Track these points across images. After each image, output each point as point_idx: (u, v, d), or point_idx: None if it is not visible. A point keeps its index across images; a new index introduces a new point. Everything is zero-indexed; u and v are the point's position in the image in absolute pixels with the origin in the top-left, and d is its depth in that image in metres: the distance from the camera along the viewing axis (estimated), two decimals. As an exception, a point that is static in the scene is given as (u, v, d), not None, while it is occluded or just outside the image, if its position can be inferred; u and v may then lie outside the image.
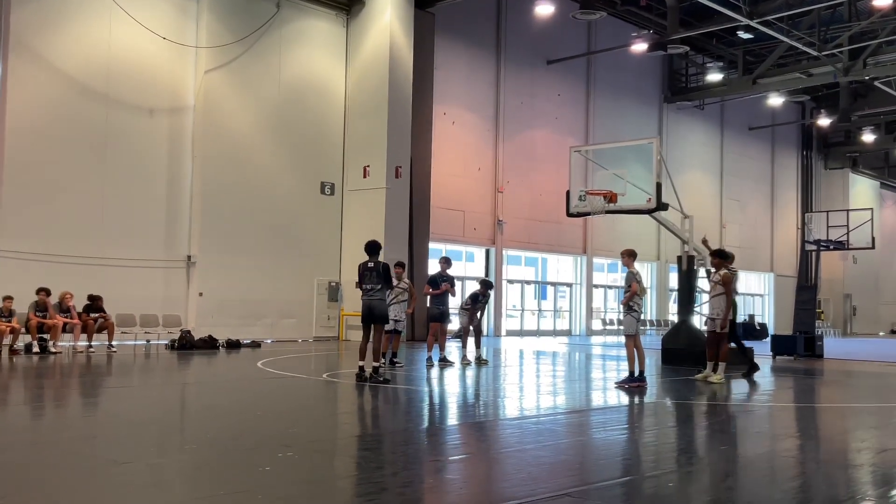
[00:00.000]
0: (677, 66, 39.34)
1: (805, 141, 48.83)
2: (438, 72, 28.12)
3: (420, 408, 10.87)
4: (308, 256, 25.04)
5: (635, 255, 12.95)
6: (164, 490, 5.72)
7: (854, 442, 8.68)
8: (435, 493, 5.83)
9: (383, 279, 12.49)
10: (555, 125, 33.51)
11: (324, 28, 25.82)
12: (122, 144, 21.58)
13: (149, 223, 22.06)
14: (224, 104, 23.32)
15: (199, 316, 22.18)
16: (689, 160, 39.94)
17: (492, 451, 7.66)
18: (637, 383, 12.42)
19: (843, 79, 34.61)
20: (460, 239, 30.12)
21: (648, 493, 5.93)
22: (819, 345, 21.01)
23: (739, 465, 7.00)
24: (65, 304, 18.00)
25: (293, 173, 24.85)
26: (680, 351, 17.21)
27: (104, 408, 10.38)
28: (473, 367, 15.84)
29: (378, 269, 12.51)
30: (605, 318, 35.46)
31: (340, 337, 25.60)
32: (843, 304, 48.55)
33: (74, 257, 20.25)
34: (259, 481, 5.88)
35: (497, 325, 31.21)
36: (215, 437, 7.71)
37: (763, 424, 9.78)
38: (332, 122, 25.88)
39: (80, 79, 20.89)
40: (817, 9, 29.29)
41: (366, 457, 7.13)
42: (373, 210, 25.08)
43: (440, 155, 28.30)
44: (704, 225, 37.40)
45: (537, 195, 32.33)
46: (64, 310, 17.96)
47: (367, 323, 12.68)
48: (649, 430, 9.17)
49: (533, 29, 31.78)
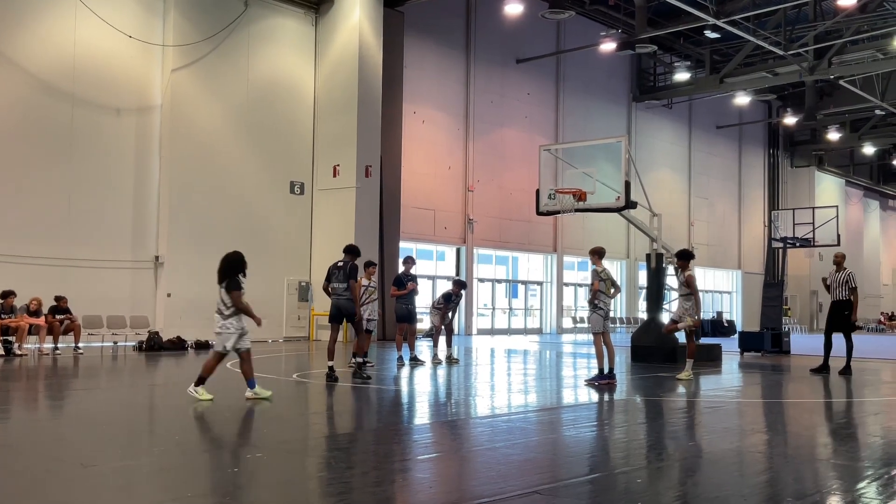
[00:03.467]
0: (646, 65, 39.61)
1: (771, 139, 49.39)
2: (408, 70, 28.09)
3: (390, 407, 10.84)
4: (278, 256, 24.90)
5: (602, 254, 12.99)
6: (130, 493, 5.65)
7: (821, 437, 8.79)
8: (405, 491, 5.82)
9: (349, 278, 12.41)
10: (525, 124, 33.61)
11: (292, 27, 25.68)
12: (89, 144, 21.33)
13: (116, 223, 21.83)
14: (191, 103, 23.12)
15: (167, 317, 21.98)
16: (657, 159, 40.23)
17: (462, 449, 7.66)
18: (607, 381, 12.48)
19: (808, 78, 35.03)
20: (431, 238, 30.11)
21: (618, 489, 5.95)
22: (786, 341, 21.27)
23: (708, 460, 7.05)
24: (32, 308, 17.78)
25: (262, 173, 24.69)
26: (649, 348, 17.33)
27: (70, 410, 10.25)
28: (444, 366, 15.84)
29: (346, 268, 12.46)
30: (576, 317, 35.63)
31: (311, 337, 25.49)
32: (810, 300, 49.14)
33: (40, 258, 19.99)
34: (228, 483, 5.84)
35: (468, 324, 31.24)
36: (183, 440, 7.63)
37: (731, 420, 9.87)
38: (301, 121, 25.75)
39: (45, 78, 20.62)
40: (783, 8, 29.61)
41: (335, 457, 7.10)
42: (343, 209, 24.99)
43: (410, 154, 28.27)
44: (673, 223, 37.79)
45: (507, 194, 32.40)
46: (32, 313, 17.72)
47: (336, 323, 12.68)
48: (619, 427, 9.21)
49: (502, 28, 31.84)
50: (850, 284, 14.86)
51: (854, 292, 14.84)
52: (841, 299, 14.95)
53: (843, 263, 15.13)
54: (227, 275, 10.08)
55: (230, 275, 10.07)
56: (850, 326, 14.93)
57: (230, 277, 10.03)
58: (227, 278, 10.06)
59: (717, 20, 27.86)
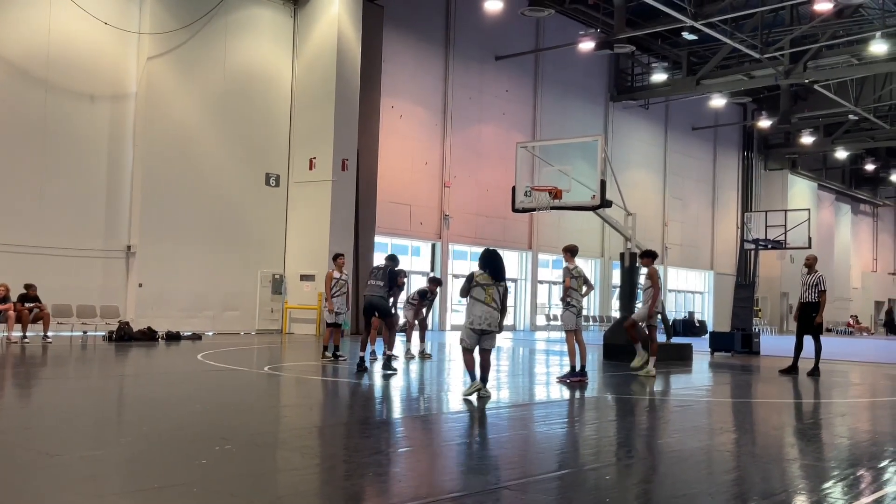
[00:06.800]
0: (623, 65, 39.77)
1: (746, 142, 49.79)
2: (386, 65, 28.01)
3: (362, 401, 10.82)
4: (252, 248, 24.77)
5: (574, 252, 13.05)
6: (96, 483, 5.59)
7: (788, 437, 8.87)
8: (375, 485, 5.80)
9: (388, 280, 13.41)
10: (502, 121, 33.65)
11: (270, 17, 25.52)
12: (62, 131, 21.09)
13: (88, 212, 21.61)
14: (167, 92, 22.91)
15: (138, 307, 21.79)
16: (633, 158, 40.44)
17: (433, 444, 7.66)
18: (578, 378, 12.52)
19: (783, 81, 35.36)
20: (406, 233, 30.08)
21: (587, 485, 5.97)
22: (756, 342, 21.47)
23: (676, 458, 7.09)
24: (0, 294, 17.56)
25: (238, 164, 24.53)
26: (621, 346, 17.38)
27: (37, 399, 10.13)
28: (417, 361, 15.83)
29: (386, 270, 13.45)
30: (550, 314, 35.74)
31: (284, 330, 25.38)
32: (780, 302, 49.64)
33: (9, 245, 19.75)
34: (195, 474, 5.79)
35: (442, 320, 31.25)
36: (151, 430, 7.57)
37: (700, 419, 9.94)
38: (278, 112, 25.61)
39: (18, 64, 20.35)
40: (760, 12, 29.87)
41: (305, 450, 7.07)
42: (318, 202, 24.90)
43: (387, 148, 28.21)
44: (647, 223, 38.02)
45: (484, 190, 32.44)
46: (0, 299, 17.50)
47: (368, 317, 13.76)
48: (589, 424, 9.25)
49: (482, 24, 31.84)
50: (820, 287, 15.02)
51: (822, 295, 15.00)
52: (809, 301, 15.11)
53: (814, 266, 15.29)
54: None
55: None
56: (819, 328, 15.10)
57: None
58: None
59: (695, 22, 28.04)
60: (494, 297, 10.07)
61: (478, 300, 10.05)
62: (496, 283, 10.14)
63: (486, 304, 10.03)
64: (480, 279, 10.12)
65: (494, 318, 10.05)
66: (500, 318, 10.20)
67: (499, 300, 10.12)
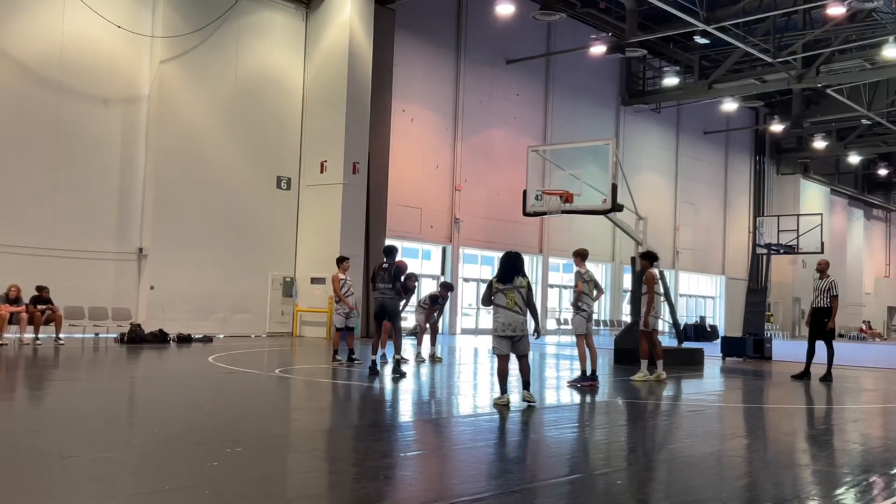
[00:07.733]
0: (635, 69, 39.70)
1: (758, 146, 49.60)
2: (398, 69, 28.06)
3: (372, 404, 10.82)
4: (263, 251, 24.82)
5: (585, 256, 13.03)
6: (108, 485, 5.61)
7: (800, 442, 8.83)
8: (385, 489, 5.80)
9: (394, 277, 13.30)
10: (513, 125, 33.62)
11: (282, 21, 25.60)
12: (75, 134, 21.19)
13: (100, 214, 21.70)
14: (179, 95, 23.00)
15: (149, 309, 21.85)
16: (644, 162, 40.34)
17: (444, 447, 7.65)
18: (589, 382, 12.49)
19: (796, 86, 35.22)
20: (417, 236, 30.08)
21: (598, 490, 5.96)
22: (768, 347, 21.35)
23: (688, 463, 7.07)
24: (12, 295, 17.64)
25: (249, 167, 24.60)
26: (632, 351, 17.32)
27: (49, 401, 10.18)
28: (428, 365, 15.83)
29: (391, 270, 13.32)
30: (560, 318, 35.66)
31: (294, 333, 25.42)
32: (792, 307, 49.40)
33: (22, 247, 19.84)
34: (206, 477, 5.80)
35: (452, 324, 31.23)
36: (162, 432, 7.59)
37: (712, 424, 9.90)
38: (289, 116, 25.67)
39: (32, 67, 20.47)
40: (773, 16, 29.75)
41: (316, 453, 7.08)
42: (329, 205, 24.95)
43: (398, 152, 28.24)
44: (658, 227, 37.91)
45: (494, 194, 32.42)
46: (12, 300, 17.59)
47: (380, 320, 13.72)
48: (600, 429, 9.23)
49: (493, 28, 31.83)
50: (832, 292, 14.93)
51: (835, 300, 14.92)
52: (822, 306, 15.03)
53: (826, 271, 15.20)
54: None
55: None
56: (831, 333, 15.01)
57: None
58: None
59: (707, 26, 27.97)
60: (517, 301, 9.82)
61: (500, 307, 9.86)
62: (513, 285, 9.91)
63: (510, 308, 9.80)
64: (499, 285, 9.97)
65: (520, 323, 9.82)
66: (535, 318, 10.01)
67: (522, 303, 9.86)
